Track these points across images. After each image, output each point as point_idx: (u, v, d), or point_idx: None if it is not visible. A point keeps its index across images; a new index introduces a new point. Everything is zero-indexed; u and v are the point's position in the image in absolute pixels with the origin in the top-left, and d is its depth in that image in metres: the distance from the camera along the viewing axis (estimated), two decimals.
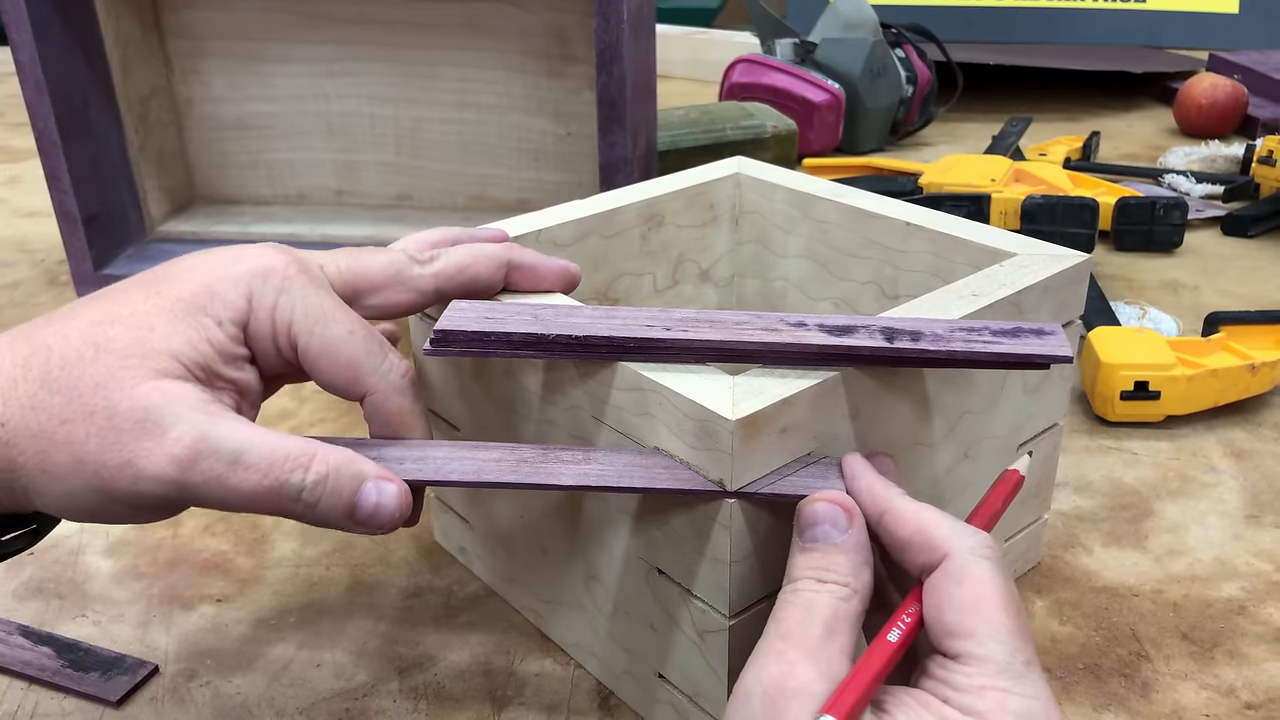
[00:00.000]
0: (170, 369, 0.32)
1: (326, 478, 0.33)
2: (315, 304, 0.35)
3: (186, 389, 0.32)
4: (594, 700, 0.43)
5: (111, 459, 0.31)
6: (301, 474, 0.32)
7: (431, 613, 0.48)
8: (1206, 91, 1.20)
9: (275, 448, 0.32)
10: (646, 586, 0.40)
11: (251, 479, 0.32)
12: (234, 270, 0.35)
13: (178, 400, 0.32)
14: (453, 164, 0.90)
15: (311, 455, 0.33)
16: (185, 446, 0.31)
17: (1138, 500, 0.55)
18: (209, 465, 0.31)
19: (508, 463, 0.36)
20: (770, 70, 1.12)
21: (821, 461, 0.36)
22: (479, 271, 0.40)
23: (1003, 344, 0.36)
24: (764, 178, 0.54)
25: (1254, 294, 0.80)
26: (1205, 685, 0.43)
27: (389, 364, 0.37)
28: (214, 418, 0.32)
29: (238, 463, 0.32)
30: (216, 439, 0.32)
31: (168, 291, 0.34)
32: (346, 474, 0.33)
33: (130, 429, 0.31)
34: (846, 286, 0.52)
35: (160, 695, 0.44)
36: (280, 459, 0.32)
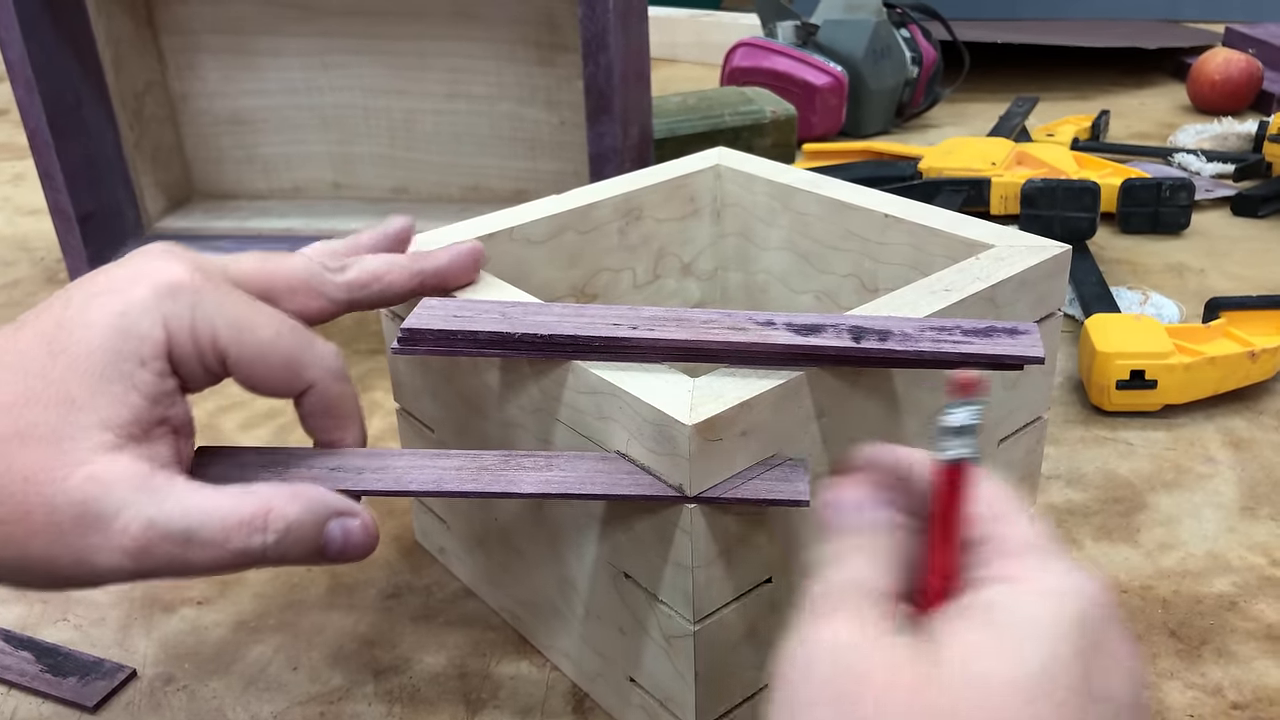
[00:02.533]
0: (102, 442, 0.30)
1: (287, 532, 0.32)
2: (234, 311, 0.33)
3: (122, 464, 0.30)
4: (569, 703, 0.43)
5: (61, 556, 0.30)
6: (260, 536, 0.31)
7: (410, 614, 0.48)
8: (1220, 67, 1.17)
9: (227, 515, 0.31)
10: (615, 591, 0.39)
11: (210, 554, 0.31)
12: (138, 297, 0.32)
13: (115, 484, 0.30)
14: (447, 155, 0.89)
15: (266, 513, 0.31)
16: (133, 537, 0.30)
17: (1131, 493, 0.54)
18: (163, 550, 0.30)
19: (468, 470, 0.36)
20: (771, 54, 1.11)
21: (786, 464, 0.36)
22: (392, 281, 0.39)
23: (973, 344, 0.35)
24: (744, 169, 0.53)
25: (1262, 276, 0.78)
26: (1191, 684, 0.42)
27: (321, 352, 0.35)
28: (158, 494, 0.31)
29: (192, 541, 0.30)
30: (165, 521, 0.30)
31: (75, 348, 0.31)
32: (308, 523, 0.32)
33: (72, 526, 0.30)
34: (827, 279, 0.51)
35: (137, 700, 0.44)
36: (235, 526, 0.31)
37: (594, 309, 0.38)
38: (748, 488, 0.35)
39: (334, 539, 0.33)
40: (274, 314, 0.35)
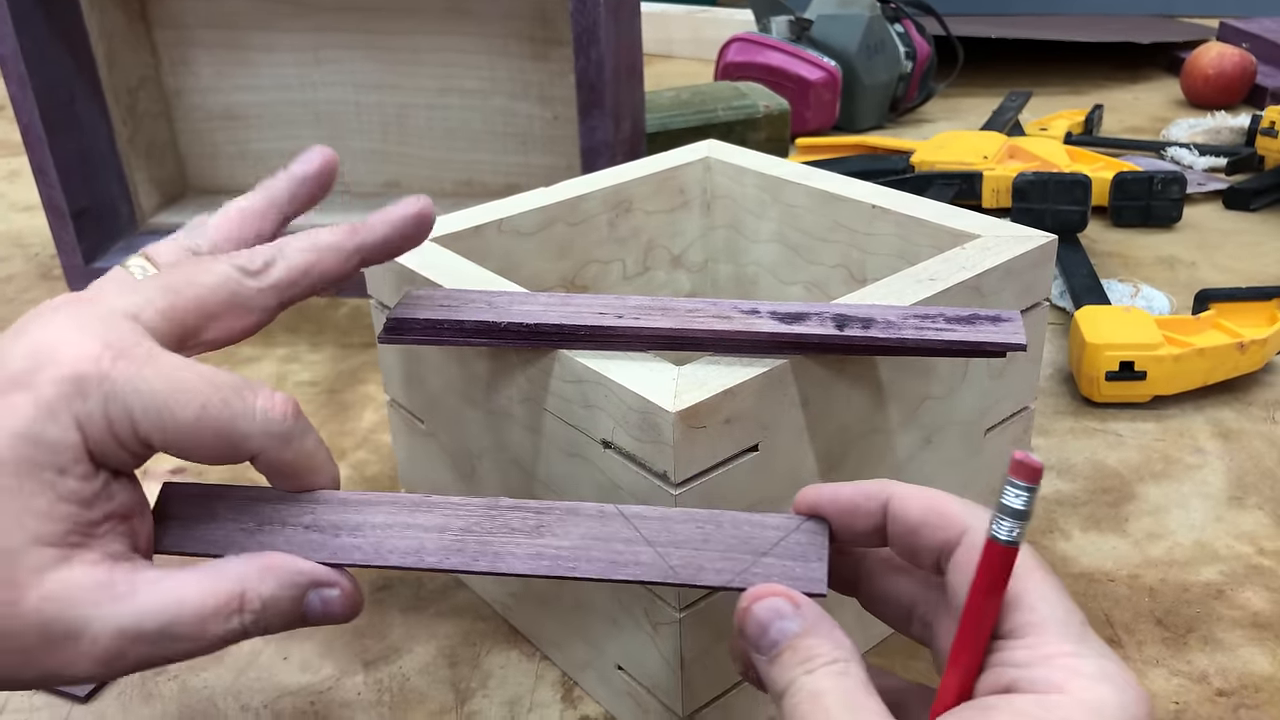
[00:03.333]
0: (44, 560, 0.28)
1: (263, 610, 0.30)
2: (150, 393, 0.29)
3: (76, 574, 0.28)
4: (557, 692, 0.43)
5: (33, 674, 0.28)
6: (238, 618, 0.30)
7: (400, 605, 0.48)
8: (1213, 61, 1.17)
9: (202, 604, 0.29)
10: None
11: (187, 646, 0.29)
12: (44, 398, 0.28)
13: (74, 599, 0.28)
14: (439, 150, 0.89)
15: (241, 595, 0.30)
16: (105, 648, 0.28)
17: (1120, 483, 0.54)
18: (138, 651, 0.29)
19: (451, 534, 0.32)
20: (765, 49, 1.11)
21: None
22: (325, 269, 0.34)
23: (956, 331, 0.35)
24: (734, 161, 0.53)
25: (1253, 269, 0.78)
26: (1176, 672, 0.42)
27: (262, 416, 0.30)
28: (122, 599, 0.28)
29: (167, 636, 0.29)
30: (136, 625, 0.28)
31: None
32: (284, 598, 0.30)
33: (38, 648, 0.28)
34: (817, 270, 0.51)
35: (128, 690, 0.44)
36: (211, 614, 0.29)
37: (580, 298, 0.38)
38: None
39: (314, 609, 0.31)
40: (197, 383, 0.30)
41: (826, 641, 0.27)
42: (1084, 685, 0.23)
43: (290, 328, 0.75)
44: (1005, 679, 0.25)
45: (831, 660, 0.26)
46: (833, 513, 0.31)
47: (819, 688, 0.26)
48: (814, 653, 0.27)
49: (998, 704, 0.24)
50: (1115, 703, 0.23)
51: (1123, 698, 0.23)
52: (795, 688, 0.26)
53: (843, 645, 0.27)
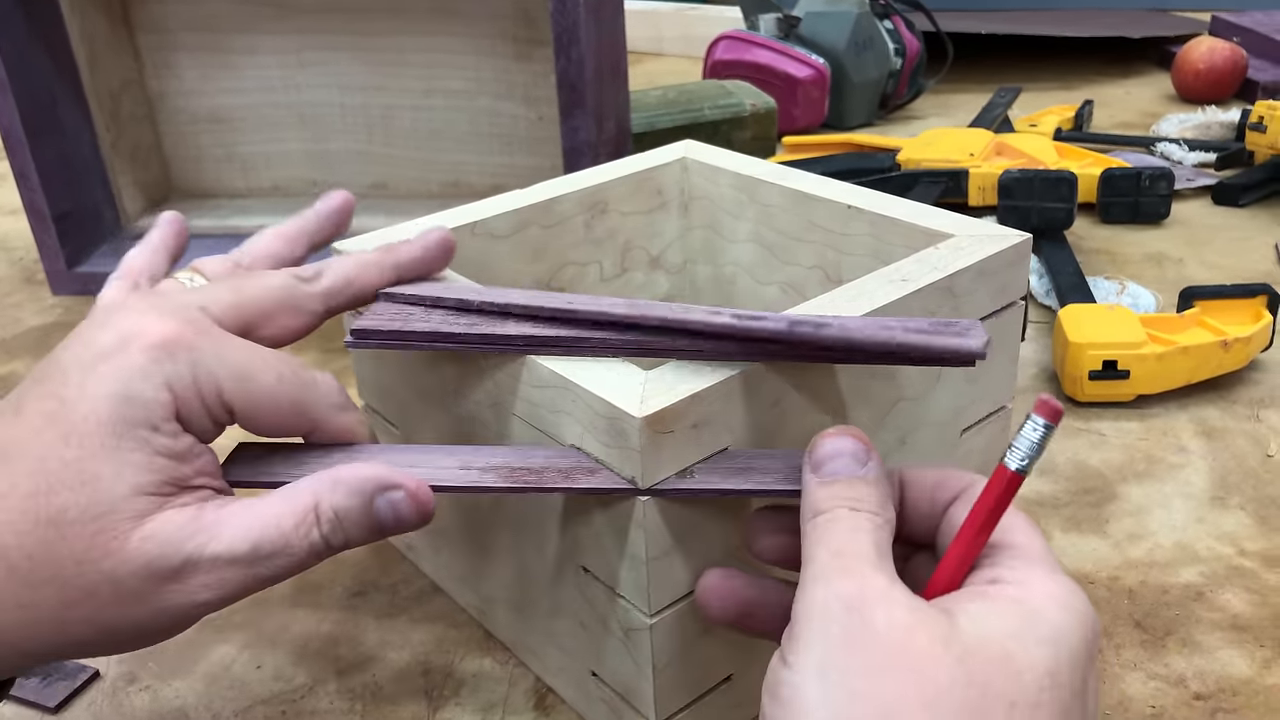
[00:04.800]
0: (140, 509, 0.30)
1: (338, 521, 0.32)
2: (234, 361, 0.32)
3: (169, 515, 0.30)
4: (530, 699, 0.43)
5: (140, 617, 0.30)
6: (316, 530, 0.32)
7: (375, 611, 0.48)
8: (1204, 56, 1.17)
9: (280, 520, 0.31)
10: (575, 585, 0.39)
11: (278, 564, 0.31)
12: (136, 364, 0.31)
13: (169, 537, 0.30)
14: (425, 151, 0.89)
15: (313, 509, 0.32)
16: (204, 578, 0.30)
17: (1102, 484, 0.54)
18: (235, 576, 0.31)
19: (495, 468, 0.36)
20: (753, 46, 1.11)
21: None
22: (366, 283, 0.39)
23: (910, 336, 0.34)
24: (710, 162, 0.53)
25: (1241, 266, 0.78)
26: (1154, 675, 0.42)
27: (324, 390, 0.35)
28: (212, 528, 0.31)
29: (258, 557, 0.31)
30: (230, 550, 0.31)
31: (83, 425, 0.30)
32: (355, 506, 0.32)
33: (143, 590, 0.30)
34: (793, 271, 0.51)
35: (99, 700, 0.44)
36: (290, 529, 0.31)
37: (545, 295, 0.38)
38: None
39: (384, 515, 0.33)
40: (270, 357, 0.34)
41: (879, 498, 0.29)
42: (1052, 590, 0.27)
43: None
44: (991, 576, 0.28)
45: (876, 513, 0.29)
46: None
47: (859, 522, 0.28)
48: (868, 498, 0.29)
49: (989, 591, 0.28)
50: (1081, 610, 0.27)
51: (1085, 612, 0.27)
52: (836, 515, 0.29)
53: (887, 511, 0.29)
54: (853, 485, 0.30)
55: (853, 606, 0.26)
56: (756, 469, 0.35)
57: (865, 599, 0.26)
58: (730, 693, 0.40)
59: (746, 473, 0.35)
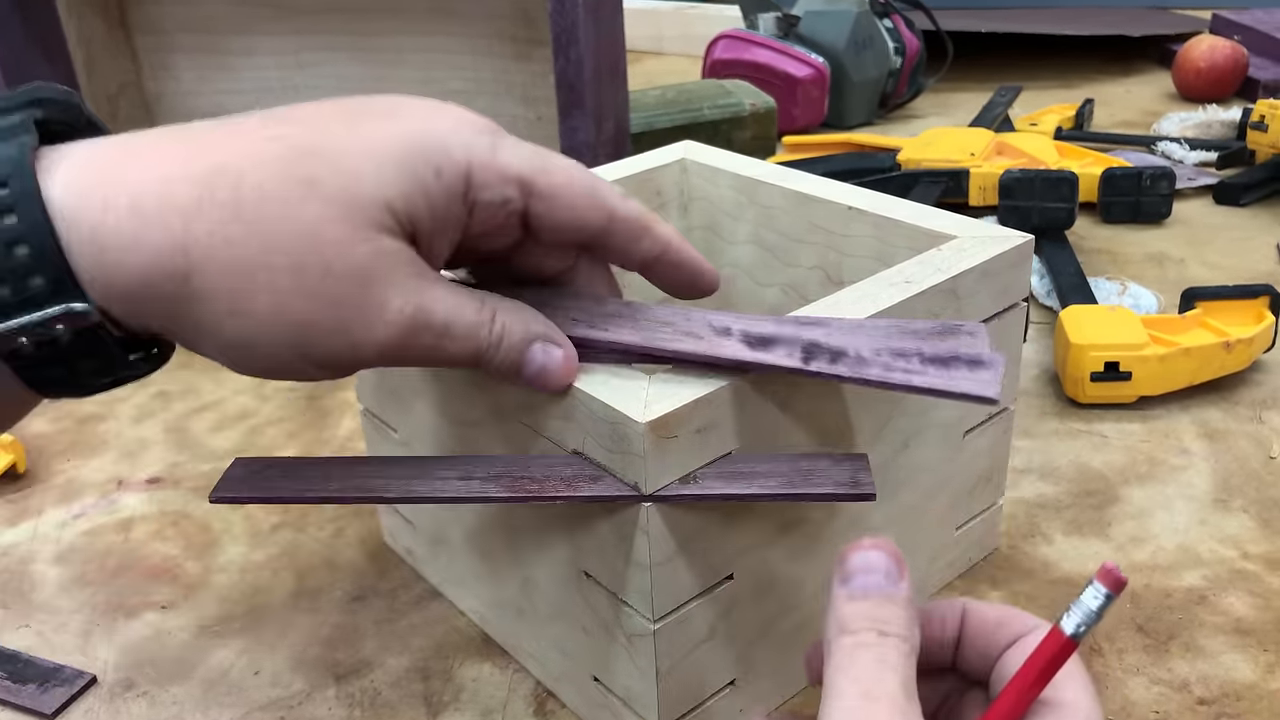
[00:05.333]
0: (387, 224, 0.29)
1: (503, 334, 0.32)
2: (534, 149, 0.32)
3: (401, 250, 0.30)
4: (530, 705, 0.42)
5: (324, 322, 0.29)
6: (488, 330, 0.32)
7: (374, 617, 0.48)
8: (1205, 54, 1.16)
9: (469, 310, 0.32)
10: (577, 591, 0.39)
11: (458, 346, 0.32)
12: (447, 117, 0.31)
13: (396, 266, 0.30)
14: None
15: (493, 313, 0.32)
16: (405, 321, 0.30)
17: (1104, 486, 0.54)
18: (422, 338, 0.31)
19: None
20: (752, 46, 1.10)
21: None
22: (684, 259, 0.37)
23: (926, 375, 0.34)
24: (710, 163, 0.53)
25: (1242, 266, 0.78)
26: (1157, 680, 0.42)
27: (611, 184, 0.34)
28: (427, 285, 0.31)
29: (447, 334, 0.31)
30: (431, 311, 0.31)
31: (375, 131, 0.30)
32: (517, 333, 0.33)
33: (347, 295, 0.29)
34: (794, 272, 0.51)
35: (96, 706, 0.43)
36: (475, 320, 0.32)
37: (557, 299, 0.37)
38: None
39: (534, 359, 0.33)
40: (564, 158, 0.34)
41: (908, 621, 0.28)
42: None
43: None
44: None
45: (904, 639, 0.27)
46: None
47: (887, 655, 0.27)
48: (894, 622, 0.27)
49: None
50: None
51: None
52: (864, 640, 0.27)
53: (915, 636, 0.28)
54: (882, 605, 0.28)
55: None
56: (761, 474, 0.34)
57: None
58: (733, 698, 0.40)
59: (751, 478, 0.34)
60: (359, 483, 0.36)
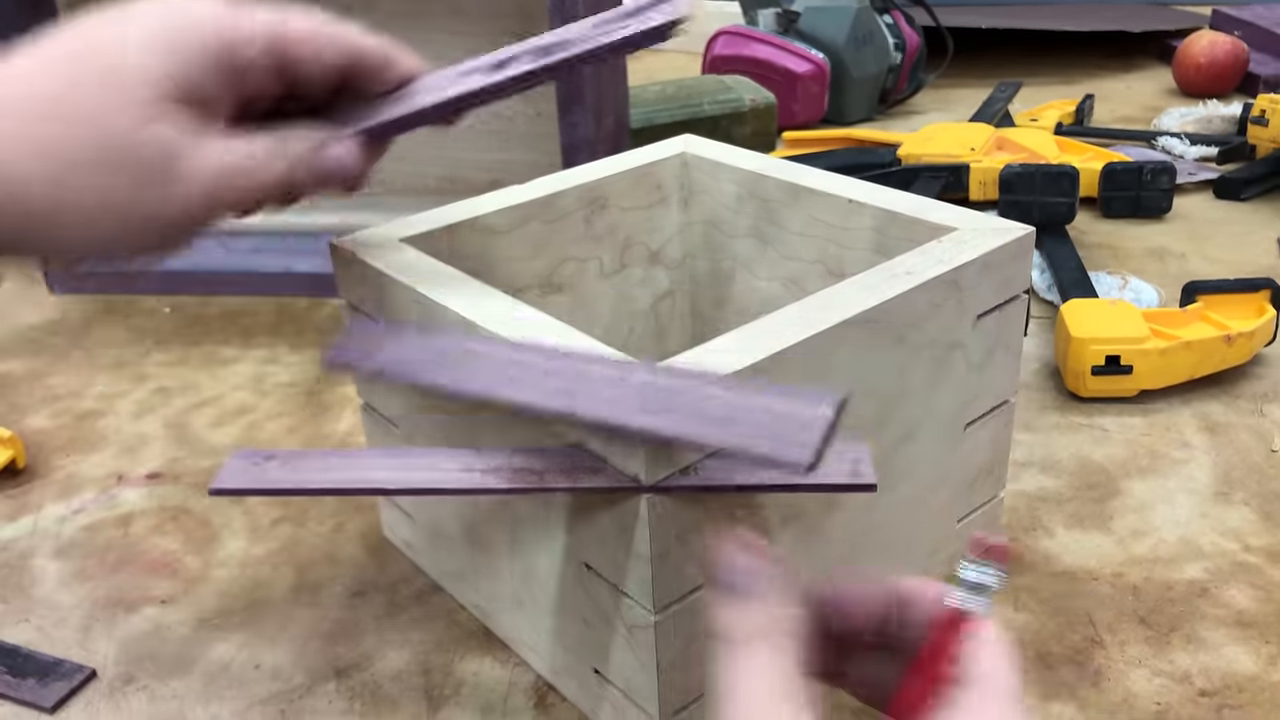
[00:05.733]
0: (165, 91, 0.33)
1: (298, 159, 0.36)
2: (276, 10, 0.36)
3: (190, 116, 0.33)
4: (530, 699, 0.42)
5: (139, 193, 0.33)
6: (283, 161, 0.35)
7: (374, 611, 0.47)
8: (1205, 49, 1.16)
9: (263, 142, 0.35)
10: (578, 583, 0.39)
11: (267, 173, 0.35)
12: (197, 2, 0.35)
13: (180, 132, 0.33)
14: (422, 147, 0.88)
15: (283, 142, 0.36)
16: (202, 181, 0.33)
17: (1105, 479, 0.54)
18: (235, 181, 0.34)
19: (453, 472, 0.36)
20: (752, 42, 1.10)
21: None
22: None
23: (628, 26, 0.39)
24: (710, 156, 0.53)
25: (1243, 260, 0.77)
26: (1159, 672, 0.42)
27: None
28: (219, 138, 0.34)
29: (254, 166, 0.34)
30: (220, 158, 0.34)
31: (142, 22, 0.34)
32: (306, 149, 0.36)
33: (152, 165, 0.33)
34: (794, 266, 0.50)
35: (96, 700, 0.43)
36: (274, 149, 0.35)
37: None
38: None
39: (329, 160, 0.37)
40: None
41: (780, 614, 0.28)
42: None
43: (271, 328, 0.74)
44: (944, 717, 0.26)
45: (776, 634, 0.27)
46: (847, 600, 0.31)
47: (753, 660, 0.27)
48: (763, 621, 0.28)
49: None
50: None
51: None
52: (732, 644, 0.27)
53: (792, 624, 0.28)
54: (750, 607, 0.28)
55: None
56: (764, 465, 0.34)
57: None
58: None
59: (750, 467, 0.34)
60: (358, 474, 0.36)
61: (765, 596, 0.28)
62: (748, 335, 0.36)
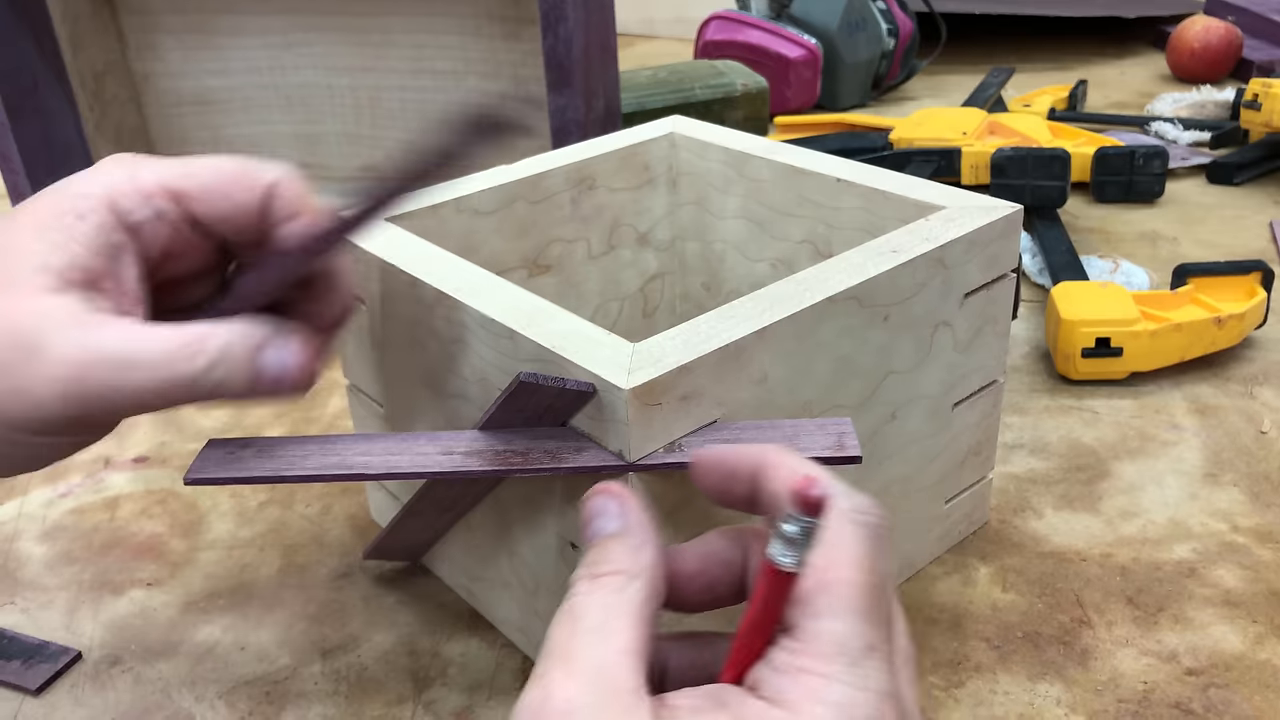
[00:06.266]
0: (42, 284, 0.31)
1: (222, 359, 0.32)
2: (179, 160, 0.34)
3: (62, 302, 0.31)
4: (518, 679, 0.42)
5: (3, 388, 0.30)
6: (201, 358, 0.31)
7: (361, 593, 0.47)
8: (1199, 35, 1.16)
9: (166, 341, 0.31)
10: (563, 562, 0.38)
11: (147, 376, 0.31)
12: (84, 174, 0.33)
13: (52, 315, 0.31)
14: (414, 133, 0.88)
15: (204, 338, 0.32)
16: (70, 363, 0.30)
17: (1095, 461, 0.54)
18: (99, 375, 0.30)
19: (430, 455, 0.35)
20: (744, 27, 1.10)
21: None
22: None
23: None
24: (698, 137, 0.52)
25: (1235, 244, 0.77)
26: (1146, 651, 0.42)
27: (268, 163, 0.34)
28: (95, 327, 0.31)
29: (130, 365, 0.31)
30: (99, 348, 0.31)
31: (20, 215, 0.32)
32: (241, 348, 0.32)
33: (12, 359, 0.30)
34: (783, 246, 0.50)
35: (81, 682, 0.43)
36: (175, 349, 0.31)
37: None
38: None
39: (269, 366, 0.33)
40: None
41: (623, 550, 0.26)
42: (815, 711, 0.22)
43: None
44: (757, 677, 0.24)
45: (615, 572, 0.26)
46: (715, 477, 0.29)
47: (581, 604, 0.25)
48: (605, 557, 0.26)
49: (729, 701, 0.23)
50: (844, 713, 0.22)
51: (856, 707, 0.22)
52: (571, 593, 0.26)
53: (640, 561, 0.26)
54: (599, 548, 0.27)
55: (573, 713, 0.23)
56: (746, 439, 0.34)
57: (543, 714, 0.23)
58: None
59: (736, 444, 0.34)
60: (338, 460, 0.35)
61: (612, 536, 0.27)
62: (732, 312, 0.35)
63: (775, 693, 0.23)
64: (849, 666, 0.23)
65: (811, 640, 0.23)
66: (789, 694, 0.23)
